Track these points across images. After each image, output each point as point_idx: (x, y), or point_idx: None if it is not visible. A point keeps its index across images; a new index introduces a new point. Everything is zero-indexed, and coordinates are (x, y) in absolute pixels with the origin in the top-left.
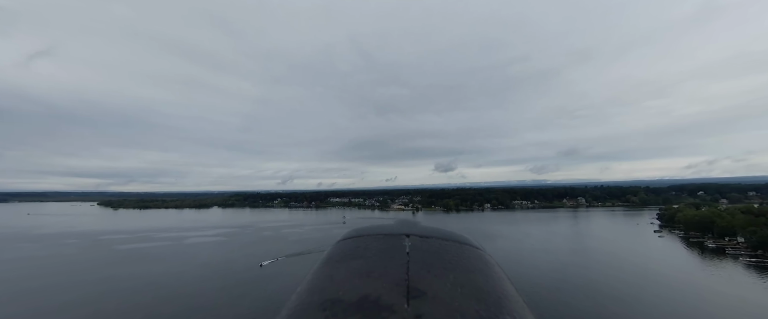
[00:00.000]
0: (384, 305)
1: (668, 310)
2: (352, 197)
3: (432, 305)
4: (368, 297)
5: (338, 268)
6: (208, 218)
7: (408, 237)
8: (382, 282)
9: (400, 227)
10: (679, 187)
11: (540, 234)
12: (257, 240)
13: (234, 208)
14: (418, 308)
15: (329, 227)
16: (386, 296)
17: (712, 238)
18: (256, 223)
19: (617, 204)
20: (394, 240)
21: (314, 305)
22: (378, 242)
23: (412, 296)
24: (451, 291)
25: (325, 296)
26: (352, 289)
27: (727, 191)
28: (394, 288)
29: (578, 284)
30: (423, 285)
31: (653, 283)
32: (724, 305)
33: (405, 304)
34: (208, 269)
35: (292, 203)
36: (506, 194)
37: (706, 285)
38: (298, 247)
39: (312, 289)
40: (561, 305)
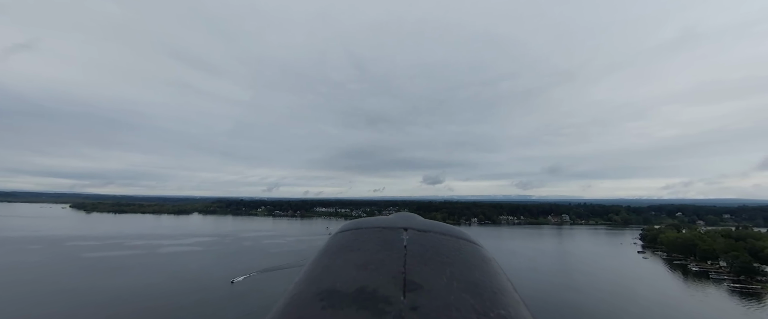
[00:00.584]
0: (380, 297)
1: None
2: (338, 207)
3: (428, 298)
4: (365, 289)
5: (336, 259)
6: (187, 225)
7: (406, 231)
8: (379, 274)
9: (399, 220)
10: (658, 207)
11: (527, 252)
12: (235, 251)
13: (215, 215)
14: (414, 301)
15: (313, 238)
16: (383, 288)
17: (694, 261)
18: (237, 232)
19: (600, 222)
20: (392, 233)
21: (311, 295)
22: (376, 234)
23: (408, 289)
24: (447, 285)
25: (322, 286)
26: (349, 280)
27: (704, 213)
28: (391, 280)
29: (567, 306)
30: (419, 278)
31: (643, 309)
32: None
33: (401, 296)
34: (177, 283)
35: (277, 211)
36: (493, 209)
37: (698, 313)
38: (278, 260)
39: (309, 279)
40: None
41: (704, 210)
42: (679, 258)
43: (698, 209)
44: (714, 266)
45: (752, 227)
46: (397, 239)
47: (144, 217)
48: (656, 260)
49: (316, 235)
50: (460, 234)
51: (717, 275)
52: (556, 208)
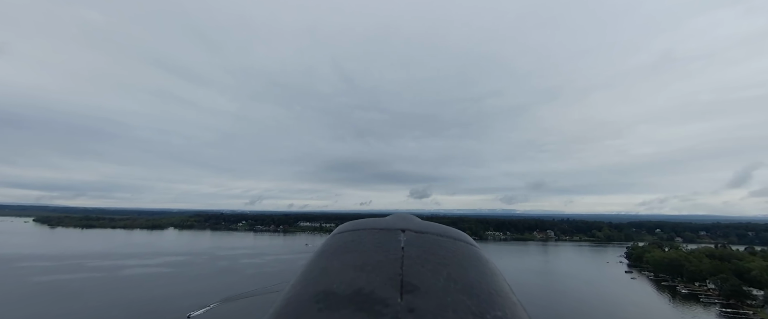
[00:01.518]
0: (377, 299)
1: None
2: (323, 221)
3: (425, 300)
4: (362, 290)
5: (332, 261)
6: (160, 241)
7: (403, 232)
8: (376, 276)
9: (396, 222)
10: (638, 223)
11: (516, 273)
12: (208, 273)
13: (193, 230)
14: (411, 303)
15: (294, 257)
16: (380, 289)
17: (682, 282)
18: (213, 250)
19: (584, 238)
20: (390, 235)
21: (308, 296)
22: (373, 236)
23: (405, 291)
24: (444, 286)
25: (318, 288)
26: (346, 282)
27: (681, 230)
28: (388, 282)
29: None
30: (417, 280)
31: None
32: None
33: (398, 298)
34: (131, 315)
35: (258, 226)
36: (479, 225)
37: None
38: (254, 283)
39: (306, 281)
40: None
41: (681, 226)
42: (666, 279)
43: (675, 226)
44: (702, 288)
45: (728, 245)
46: (394, 240)
47: (114, 232)
48: (644, 280)
49: (299, 254)
50: (457, 235)
51: (707, 299)
52: (541, 223)
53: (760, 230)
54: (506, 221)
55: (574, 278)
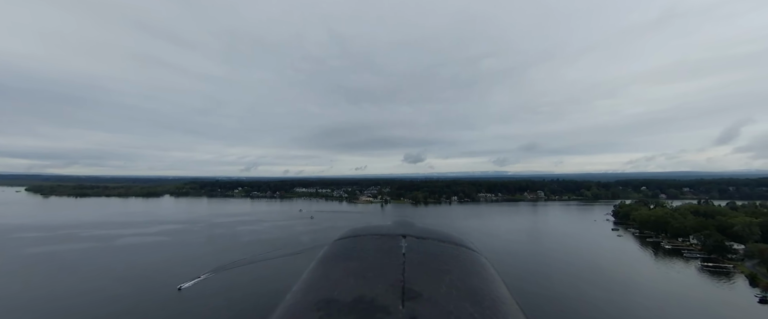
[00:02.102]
0: (379, 306)
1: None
2: (319, 187)
3: (427, 307)
4: (363, 298)
5: (334, 267)
6: (156, 209)
7: (404, 238)
8: (378, 283)
9: (397, 227)
10: (625, 181)
11: (507, 234)
12: (204, 241)
13: (189, 197)
14: (413, 310)
15: (292, 222)
16: (381, 296)
17: (666, 238)
18: (210, 216)
19: (572, 198)
20: (391, 241)
21: (309, 304)
22: (374, 242)
23: (407, 298)
24: (446, 293)
25: (320, 295)
26: (348, 289)
27: (666, 187)
28: (390, 289)
29: (554, 295)
30: (418, 287)
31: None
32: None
33: (400, 305)
34: (122, 286)
35: (255, 192)
36: (472, 187)
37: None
38: (251, 250)
39: (307, 288)
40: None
41: (666, 183)
42: (651, 235)
43: (661, 183)
44: (685, 244)
45: (710, 201)
46: (395, 246)
47: (108, 200)
48: (629, 237)
49: (297, 219)
50: (458, 241)
51: (689, 253)
52: (532, 184)
53: (741, 184)
54: (498, 182)
55: (563, 236)
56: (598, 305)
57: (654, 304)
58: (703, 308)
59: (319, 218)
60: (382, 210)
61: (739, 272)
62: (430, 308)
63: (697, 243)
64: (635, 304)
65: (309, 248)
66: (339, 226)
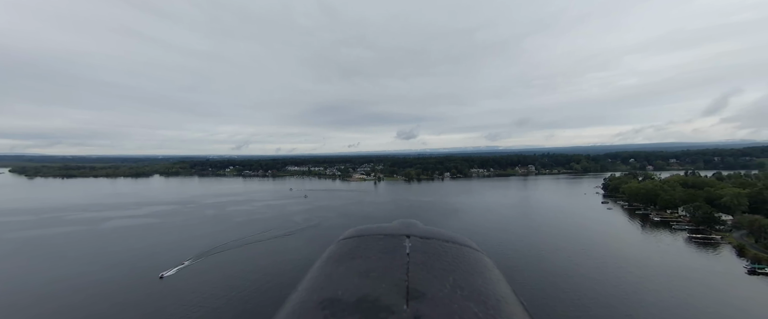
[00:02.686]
0: (383, 306)
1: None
2: (311, 165)
3: (431, 307)
4: (367, 297)
5: (338, 267)
6: (145, 190)
7: (408, 238)
8: (382, 282)
9: (401, 227)
10: (613, 154)
11: (499, 208)
12: (195, 222)
13: (179, 176)
14: (417, 310)
15: (285, 202)
16: (385, 296)
17: (655, 210)
18: (201, 197)
19: (562, 171)
20: (395, 241)
21: (313, 303)
22: (378, 242)
23: (411, 297)
24: (450, 293)
25: (324, 295)
26: (352, 289)
27: (653, 158)
28: (394, 289)
29: (548, 272)
30: (422, 286)
31: (619, 262)
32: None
33: (404, 305)
34: (103, 272)
35: (246, 171)
36: (465, 163)
37: (670, 263)
38: (241, 232)
39: (311, 288)
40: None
41: (653, 155)
42: (640, 207)
43: (648, 155)
44: (674, 215)
45: (697, 171)
46: (399, 246)
47: (96, 181)
48: (619, 209)
49: (290, 198)
50: (462, 241)
51: (678, 225)
52: (523, 159)
53: (726, 155)
54: (490, 158)
55: (554, 211)
56: (591, 278)
57: (645, 277)
58: (694, 279)
59: (312, 197)
60: (375, 188)
61: (727, 242)
62: (434, 308)
63: (686, 215)
64: (627, 278)
65: (302, 227)
66: (332, 205)
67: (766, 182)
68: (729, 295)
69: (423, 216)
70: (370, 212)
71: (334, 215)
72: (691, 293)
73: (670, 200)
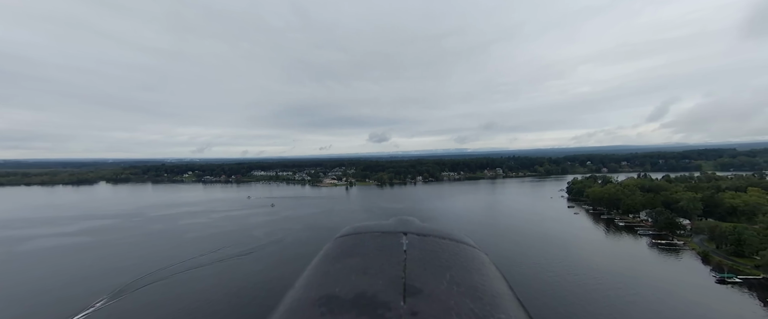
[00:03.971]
0: (380, 303)
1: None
2: (280, 169)
3: (428, 303)
4: (364, 294)
5: (335, 264)
6: (85, 200)
7: (405, 235)
8: (379, 279)
9: (398, 225)
10: (572, 157)
11: (471, 215)
12: (135, 241)
13: (129, 183)
14: (414, 306)
15: (247, 212)
16: (382, 293)
17: (618, 215)
18: (150, 207)
19: (527, 174)
20: (392, 238)
21: (310, 301)
22: (375, 239)
23: (408, 294)
24: (447, 289)
25: (321, 292)
26: (349, 286)
27: (607, 161)
28: (391, 286)
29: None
30: (419, 283)
31: (595, 273)
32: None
33: (401, 301)
34: (11, 310)
35: (207, 176)
36: (436, 166)
37: (645, 274)
38: (189, 252)
39: (308, 285)
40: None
41: (607, 158)
42: (604, 212)
43: (603, 158)
44: (636, 220)
45: (647, 173)
46: (396, 243)
47: (28, 190)
48: (585, 214)
49: (249, 208)
50: (459, 238)
51: (642, 230)
52: (491, 162)
53: (668, 157)
54: (460, 161)
55: (526, 221)
56: (574, 293)
57: (620, 287)
58: (667, 290)
59: (278, 206)
60: (347, 193)
61: (689, 248)
62: (431, 304)
63: (648, 220)
64: (604, 290)
65: (263, 244)
66: (299, 215)
67: (714, 184)
68: (703, 306)
69: None
70: (339, 223)
71: (300, 227)
72: (668, 305)
73: (633, 205)
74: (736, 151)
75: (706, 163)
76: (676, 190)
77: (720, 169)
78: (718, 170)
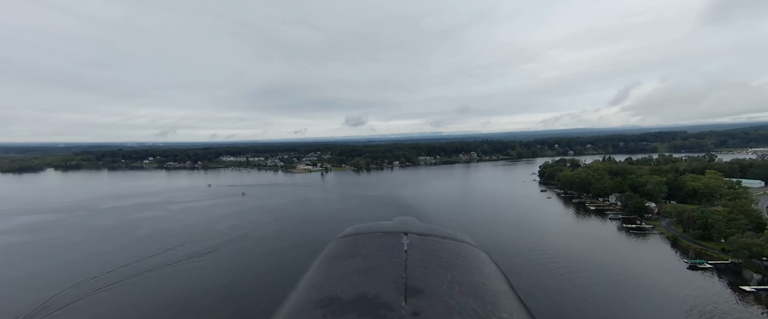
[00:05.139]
0: (382, 303)
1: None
2: (251, 155)
3: (429, 303)
4: (366, 295)
5: (336, 265)
6: (26, 191)
7: (406, 235)
8: (380, 280)
9: (399, 225)
10: (541, 140)
11: (449, 202)
12: (77, 239)
13: (81, 170)
14: (416, 306)
15: (213, 204)
16: (384, 293)
17: (589, 198)
18: (101, 199)
19: (500, 157)
20: (393, 238)
21: (312, 302)
22: (376, 239)
23: (409, 294)
24: (448, 289)
25: (323, 293)
26: (350, 286)
27: (573, 144)
28: (392, 286)
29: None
30: (421, 283)
31: (572, 261)
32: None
33: (402, 302)
34: None
35: (170, 162)
36: (413, 151)
37: (618, 262)
38: (140, 252)
39: (310, 286)
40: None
41: (573, 141)
42: (575, 195)
43: (570, 141)
44: (606, 204)
45: (611, 156)
46: (397, 243)
47: None
48: (557, 198)
49: (215, 198)
50: (460, 237)
51: (613, 215)
52: (465, 146)
53: (628, 140)
54: (436, 145)
55: (502, 205)
56: (558, 282)
57: (596, 275)
58: (644, 279)
59: (249, 195)
60: (322, 180)
61: (658, 232)
62: (433, 304)
63: (618, 203)
64: (581, 280)
65: (227, 239)
66: (269, 205)
67: (673, 166)
68: (677, 292)
69: (369, 217)
70: (313, 214)
71: (269, 220)
72: (644, 295)
73: (602, 189)
74: (686, 133)
75: (661, 145)
76: (641, 173)
77: (673, 151)
78: (672, 152)
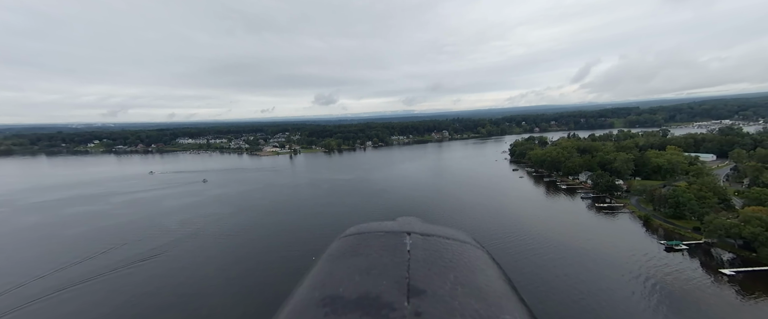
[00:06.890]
0: (384, 303)
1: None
2: (213, 136)
3: (432, 303)
4: (368, 294)
5: (339, 264)
6: None
7: (409, 235)
8: (383, 280)
9: (402, 225)
10: (509, 118)
11: (424, 185)
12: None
13: (11, 156)
14: (418, 306)
15: (163, 194)
16: (386, 293)
17: (560, 177)
18: (28, 191)
19: (471, 135)
20: (395, 238)
21: (315, 301)
22: (379, 239)
23: (412, 294)
24: (451, 290)
25: (325, 292)
26: (353, 286)
27: (539, 121)
28: (395, 286)
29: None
30: (423, 283)
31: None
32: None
33: (405, 301)
34: None
35: (120, 146)
36: (385, 130)
37: (595, 246)
38: (64, 258)
39: (312, 285)
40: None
41: (539, 118)
42: (545, 174)
43: (536, 117)
44: (576, 182)
45: (575, 133)
46: (400, 243)
47: None
48: (528, 177)
49: (165, 187)
50: (463, 238)
51: (584, 193)
52: (438, 124)
53: (588, 116)
54: (408, 124)
55: (477, 183)
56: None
57: (577, 263)
58: (624, 263)
59: (209, 182)
60: (291, 163)
61: (629, 211)
62: (435, 305)
63: (588, 181)
64: (563, 268)
65: (176, 238)
66: (228, 194)
67: (633, 142)
68: (662, 277)
69: (342, 204)
70: (278, 205)
71: (228, 213)
72: (628, 283)
73: (573, 167)
74: (639, 109)
75: (617, 120)
76: (608, 150)
77: (629, 126)
78: (629, 127)
